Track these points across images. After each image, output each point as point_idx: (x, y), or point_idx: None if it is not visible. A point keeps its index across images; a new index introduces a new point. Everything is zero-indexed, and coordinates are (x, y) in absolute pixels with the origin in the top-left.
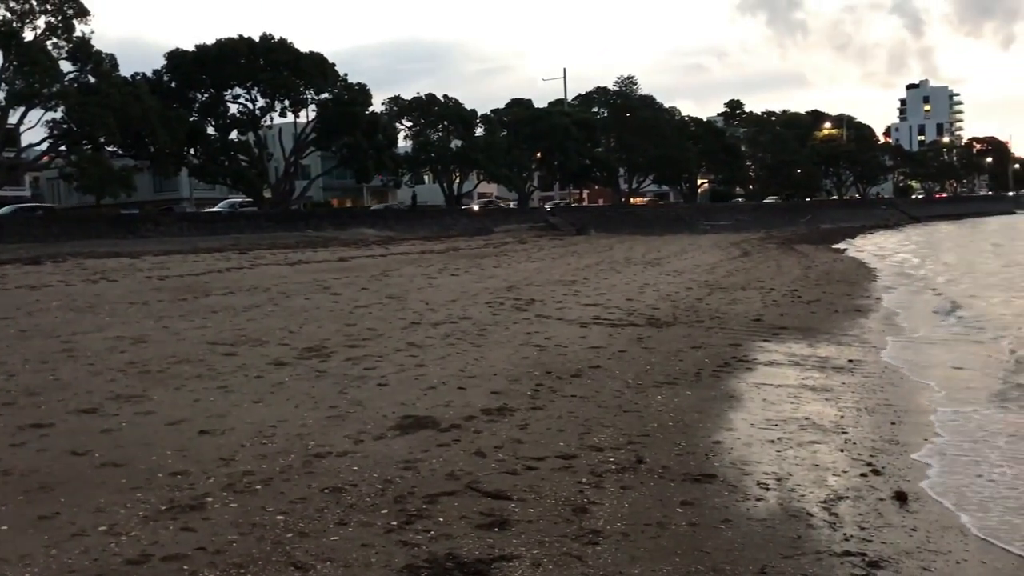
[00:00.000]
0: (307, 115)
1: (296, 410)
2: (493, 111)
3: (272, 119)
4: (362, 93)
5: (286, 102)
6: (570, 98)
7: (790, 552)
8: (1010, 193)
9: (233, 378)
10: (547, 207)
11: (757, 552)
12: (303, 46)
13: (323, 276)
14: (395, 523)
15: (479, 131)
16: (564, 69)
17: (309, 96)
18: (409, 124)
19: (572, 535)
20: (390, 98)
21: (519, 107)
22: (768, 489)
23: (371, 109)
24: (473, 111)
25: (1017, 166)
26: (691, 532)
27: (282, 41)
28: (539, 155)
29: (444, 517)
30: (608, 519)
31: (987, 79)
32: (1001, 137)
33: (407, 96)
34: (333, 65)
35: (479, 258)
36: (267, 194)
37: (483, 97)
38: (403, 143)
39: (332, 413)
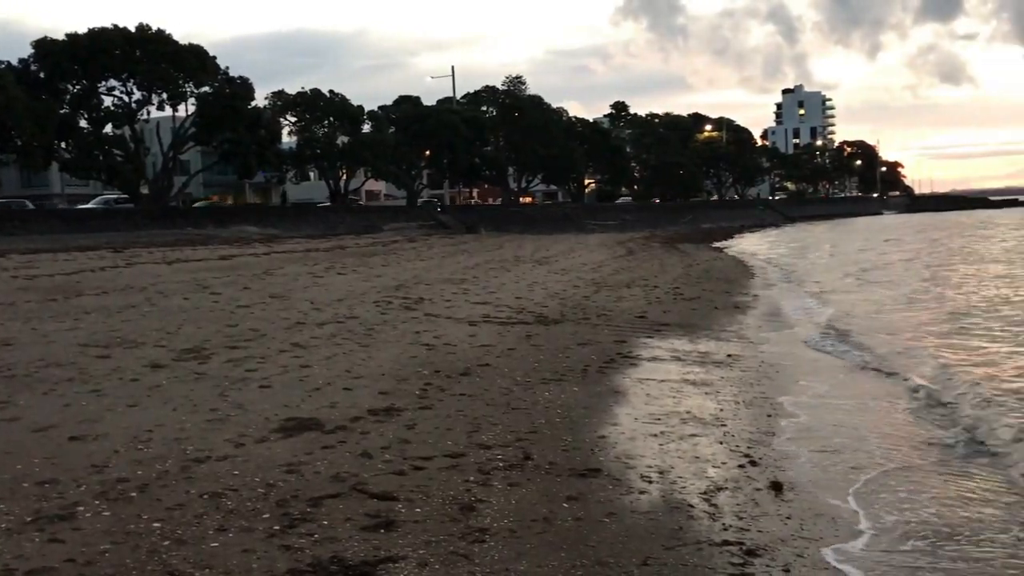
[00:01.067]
0: (186, 109)
1: (174, 414)
2: (381, 108)
3: (149, 113)
4: (244, 87)
5: (164, 95)
6: (459, 96)
7: (672, 543)
8: (877, 195)
9: (107, 381)
10: (437, 205)
11: (640, 544)
12: (182, 37)
13: (203, 275)
14: (277, 528)
15: (366, 128)
16: (452, 67)
17: (188, 89)
18: (294, 119)
19: (459, 534)
20: (274, 92)
21: (407, 104)
22: (651, 482)
23: (254, 103)
24: (360, 107)
25: (884, 169)
26: (577, 526)
27: (160, 32)
28: (428, 153)
29: (329, 520)
30: (495, 516)
31: (856, 85)
32: (870, 141)
33: (292, 91)
34: (214, 58)
35: (367, 256)
36: (144, 190)
37: (371, 94)
38: (287, 139)
39: (212, 416)
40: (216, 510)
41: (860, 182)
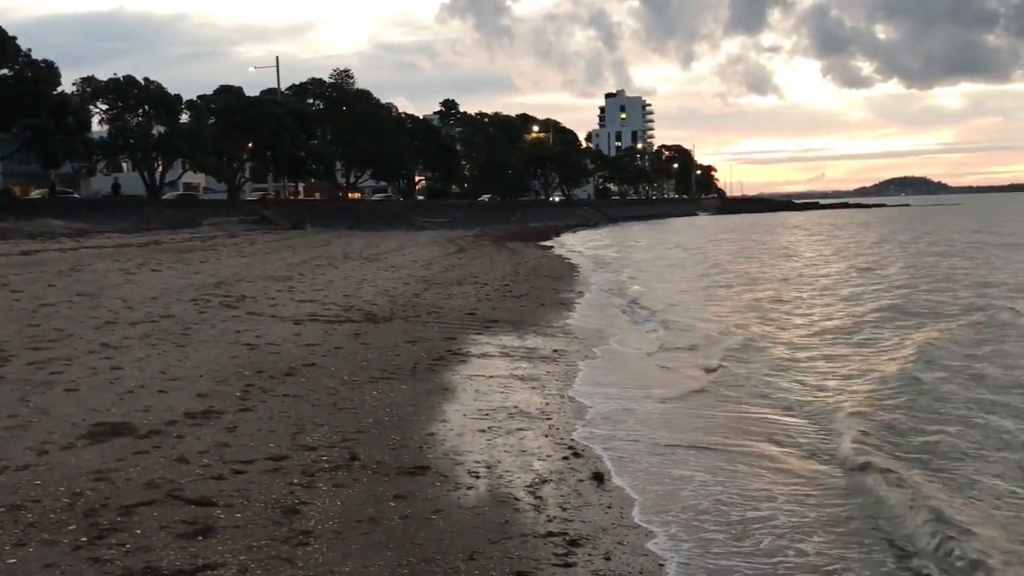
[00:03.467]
0: None
1: None
2: (200, 97)
3: None
4: (49, 71)
5: None
6: (283, 88)
7: (498, 537)
8: (693, 197)
9: None
10: (261, 200)
11: (467, 539)
12: None
13: (2, 271)
14: (85, 539)
15: (184, 118)
16: (277, 58)
17: None
18: (105, 107)
19: (282, 537)
20: (83, 78)
21: (229, 94)
22: (478, 477)
23: (60, 89)
24: (178, 96)
25: (699, 172)
26: (403, 525)
27: None
28: (251, 145)
29: (142, 529)
30: (320, 519)
31: (672, 92)
32: (686, 145)
33: (104, 76)
34: (14, 38)
35: (184, 253)
36: None
37: (189, 82)
38: (98, 127)
39: (11, 423)
40: (14, 523)
41: (677, 184)
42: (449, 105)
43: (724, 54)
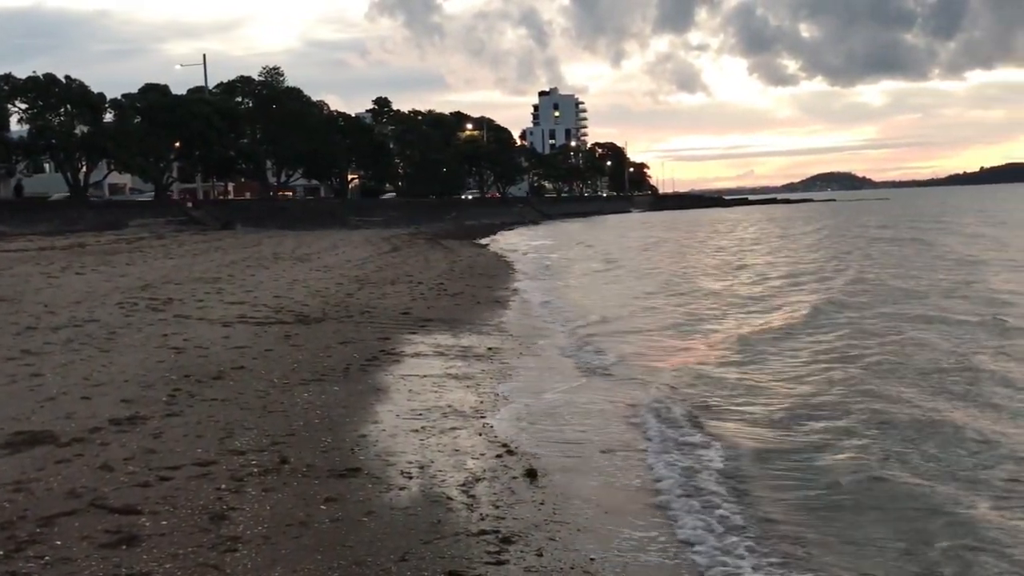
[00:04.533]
0: None
1: None
2: (125, 96)
3: None
4: None
5: None
6: (211, 86)
7: (430, 537)
8: (626, 194)
9: None
10: (189, 200)
11: (399, 540)
12: None
13: None
14: (1, 552)
15: (109, 117)
16: (204, 55)
17: None
18: (24, 107)
19: (209, 544)
20: (0, 76)
21: (155, 93)
22: (411, 478)
23: None
24: (101, 95)
25: (632, 169)
26: (334, 528)
27: None
28: (178, 145)
29: (62, 540)
30: (248, 524)
31: (604, 89)
32: (619, 143)
33: (22, 74)
34: None
35: (110, 255)
36: None
37: (113, 81)
38: (17, 127)
39: None
40: None
41: (611, 181)
42: (382, 103)
43: (653, 52)
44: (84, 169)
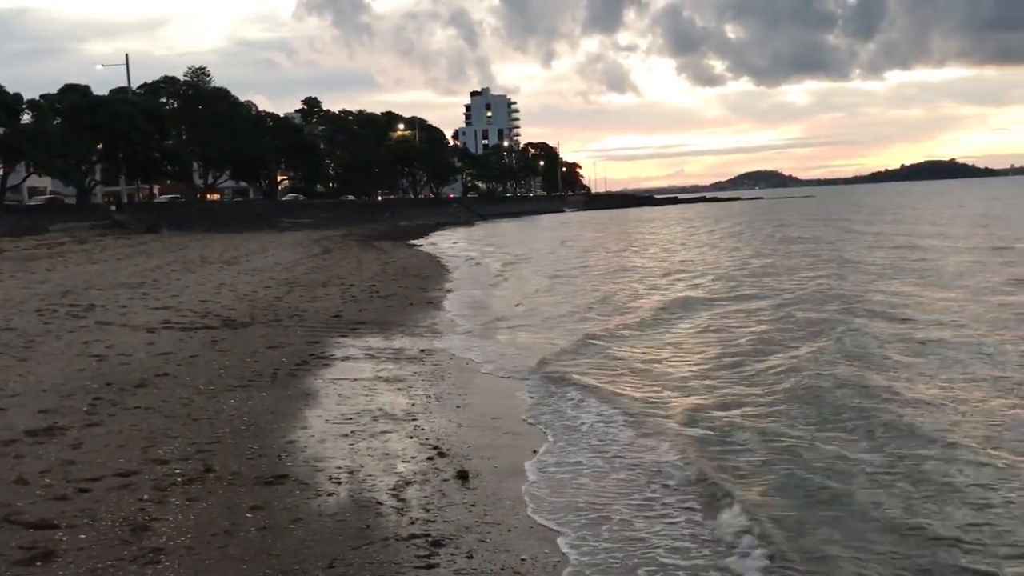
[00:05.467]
0: None
1: None
2: (43, 96)
3: None
4: None
5: None
6: (135, 87)
7: (359, 543)
8: (559, 193)
9: None
10: (113, 203)
11: (327, 547)
12: None
13: None
14: None
15: (26, 118)
16: (127, 55)
17: None
18: None
19: (130, 557)
20: None
21: (75, 93)
22: (340, 483)
23: None
24: (18, 95)
25: (565, 169)
26: (260, 536)
27: None
28: (101, 147)
29: None
30: (171, 535)
31: (535, 90)
32: (551, 143)
33: None
34: None
35: (28, 261)
36: None
37: (31, 81)
38: None
39: None
40: None
41: (544, 181)
42: (311, 103)
43: (583, 53)
44: (1, 172)
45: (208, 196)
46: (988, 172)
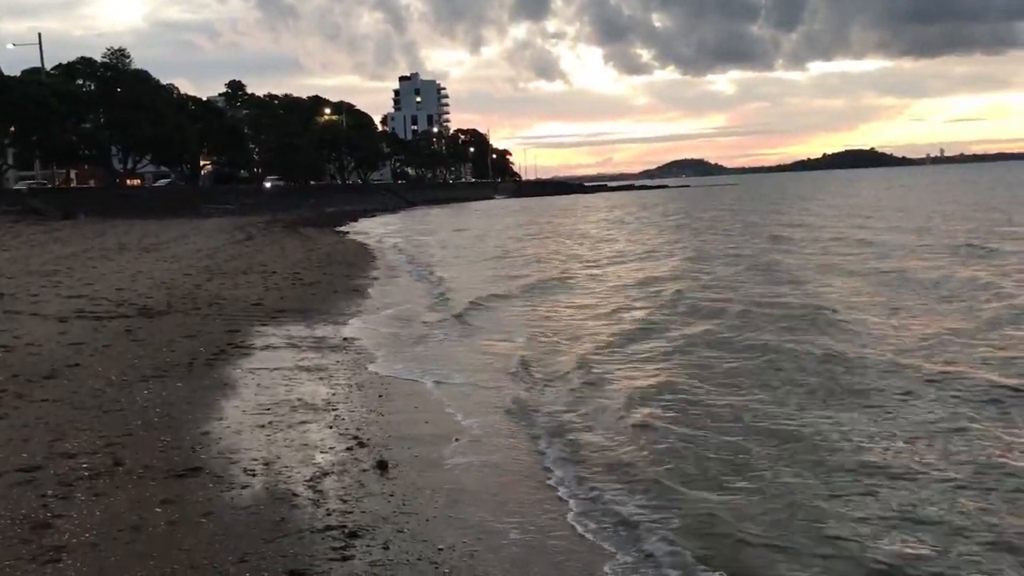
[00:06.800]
0: None
1: None
2: None
3: None
4: None
5: None
6: (48, 68)
7: (272, 535)
8: (489, 180)
9: None
10: (23, 188)
11: (239, 541)
12: None
13: None
14: None
15: None
16: (40, 34)
17: None
18: None
19: (29, 556)
20: None
21: None
22: (255, 475)
23: None
24: None
25: (495, 156)
26: (170, 531)
27: None
28: (13, 130)
29: None
30: (75, 532)
31: (464, 76)
32: (481, 129)
33: None
34: None
35: None
36: None
37: None
38: None
39: None
40: None
41: (474, 168)
42: (235, 86)
43: (512, 39)
44: None
45: (128, 182)
46: (906, 161)
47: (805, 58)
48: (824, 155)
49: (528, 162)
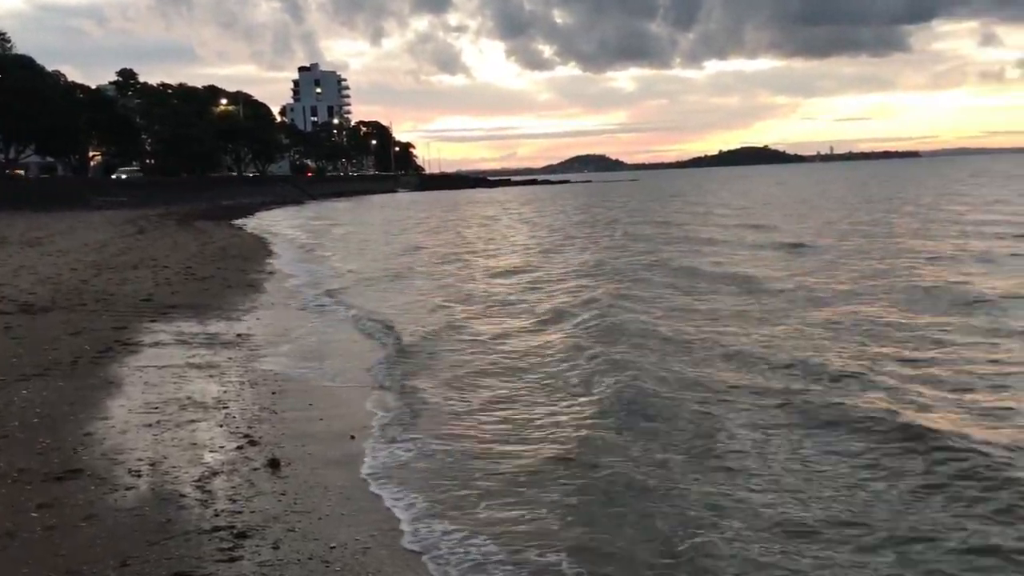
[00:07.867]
0: None
1: None
2: None
3: None
4: None
5: None
6: None
7: (157, 537)
8: (392, 173)
9: None
10: None
11: (121, 544)
12: None
13: None
14: None
15: None
16: None
17: None
18: None
19: None
20: None
21: None
22: (140, 476)
23: None
24: None
25: (398, 149)
26: (46, 536)
27: None
28: None
29: None
30: None
31: (365, 67)
32: (383, 122)
33: None
34: None
35: None
36: None
37: None
38: None
39: None
40: None
41: (376, 161)
42: (126, 75)
43: (413, 31)
44: None
45: (11, 172)
46: (797, 158)
47: (702, 57)
48: (720, 152)
49: (431, 155)
